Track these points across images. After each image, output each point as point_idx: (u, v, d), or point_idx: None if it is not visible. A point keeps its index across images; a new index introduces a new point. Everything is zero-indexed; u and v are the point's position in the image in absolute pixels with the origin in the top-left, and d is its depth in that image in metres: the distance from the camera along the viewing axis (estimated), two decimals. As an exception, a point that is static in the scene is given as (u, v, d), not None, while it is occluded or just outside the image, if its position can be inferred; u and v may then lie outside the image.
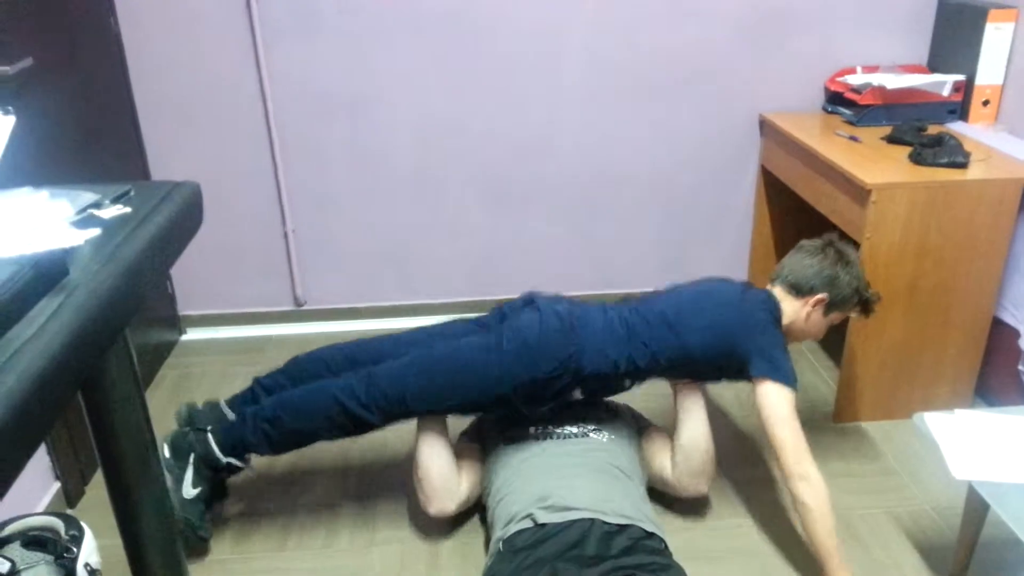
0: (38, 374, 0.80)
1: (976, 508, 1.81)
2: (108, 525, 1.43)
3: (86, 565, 1.76)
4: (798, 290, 2.03)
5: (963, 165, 2.28)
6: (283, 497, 2.24)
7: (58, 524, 1.83)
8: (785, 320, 2.02)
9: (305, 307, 3.11)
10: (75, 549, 1.76)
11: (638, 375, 1.99)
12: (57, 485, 2.16)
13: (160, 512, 1.43)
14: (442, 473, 2.00)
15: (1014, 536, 1.53)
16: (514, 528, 1.78)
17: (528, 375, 1.90)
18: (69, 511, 2.13)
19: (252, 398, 2.11)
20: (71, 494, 2.19)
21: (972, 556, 1.88)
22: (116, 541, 1.41)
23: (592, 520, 1.75)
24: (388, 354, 2.04)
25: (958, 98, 2.67)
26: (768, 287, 2.08)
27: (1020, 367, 2.32)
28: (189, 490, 1.97)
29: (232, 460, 2.00)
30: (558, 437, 2.00)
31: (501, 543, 1.77)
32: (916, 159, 2.35)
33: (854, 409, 2.49)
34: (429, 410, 1.98)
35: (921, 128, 2.54)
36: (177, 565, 1.51)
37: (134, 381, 1.30)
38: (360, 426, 1.97)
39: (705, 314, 1.96)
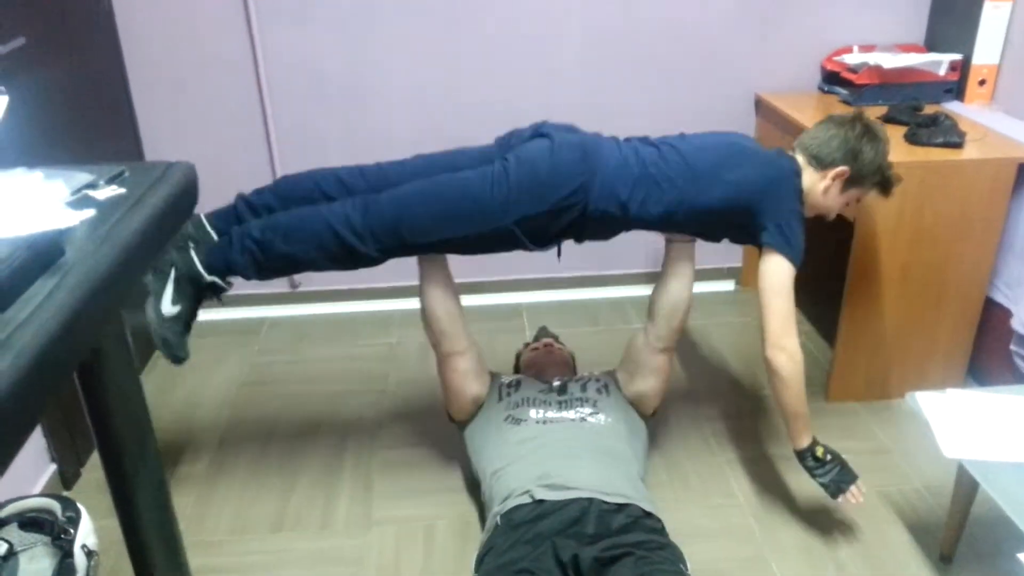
0: (34, 355, 0.79)
1: (966, 486, 1.82)
2: (104, 507, 1.44)
3: (83, 546, 1.77)
4: (819, 161, 1.95)
5: (958, 145, 2.28)
6: (279, 478, 2.25)
7: (55, 506, 1.83)
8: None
9: (300, 289, 3.11)
10: (72, 530, 1.77)
11: (644, 223, 1.91)
12: (53, 467, 2.16)
13: (158, 493, 1.43)
14: (449, 312, 2.01)
15: (1003, 514, 1.55)
16: (512, 503, 1.78)
17: (534, 208, 1.81)
18: (65, 493, 2.14)
19: (236, 216, 1.98)
20: (67, 476, 2.20)
21: (962, 534, 1.90)
22: (113, 522, 1.41)
23: (591, 499, 1.75)
24: (387, 181, 1.93)
25: (954, 78, 2.67)
26: (790, 153, 2.01)
27: (1012, 347, 2.33)
28: (168, 307, 1.87)
29: (216, 279, 1.89)
30: (558, 422, 2.00)
31: (499, 517, 1.78)
32: (911, 139, 2.35)
33: (847, 388, 2.50)
34: (426, 243, 1.90)
35: (917, 108, 2.54)
36: (174, 545, 1.52)
37: (130, 362, 1.30)
38: (353, 256, 1.87)
39: (737, 169, 1.87)
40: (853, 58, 2.77)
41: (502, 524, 1.76)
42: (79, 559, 1.74)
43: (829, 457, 1.93)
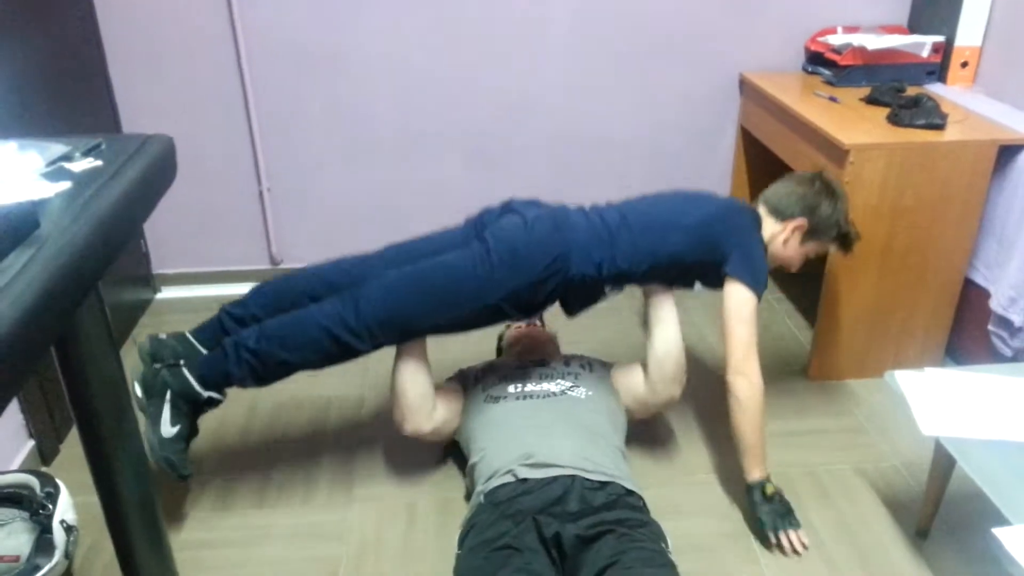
0: (9, 328, 0.78)
1: (943, 463, 1.85)
2: (83, 483, 1.43)
3: (62, 522, 1.76)
4: (779, 213, 2.05)
5: (940, 127, 2.29)
6: (261, 454, 2.24)
7: (33, 481, 1.82)
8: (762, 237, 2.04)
9: (281, 265, 3.09)
10: (51, 506, 1.77)
11: (618, 279, 1.97)
12: (31, 443, 2.15)
13: (137, 469, 1.42)
14: (419, 393, 2.00)
15: (979, 490, 1.57)
16: (496, 482, 1.79)
17: (519, 282, 1.88)
18: (44, 469, 2.12)
19: (222, 328, 2.01)
20: (46, 452, 2.18)
21: (938, 510, 1.93)
22: (91, 499, 1.40)
23: (574, 476, 1.77)
24: (369, 275, 1.97)
25: (937, 59, 2.68)
26: (752, 205, 2.11)
27: (990, 327, 2.36)
28: (168, 429, 1.87)
29: (213, 394, 1.93)
30: (539, 396, 2.01)
31: (482, 496, 1.79)
32: (893, 120, 2.35)
33: (827, 367, 2.52)
34: (420, 330, 1.95)
35: (899, 89, 2.54)
36: (154, 521, 1.51)
37: (108, 338, 1.29)
38: (350, 353, 1.92)
39: (692, 213, 1.97)
40: (837, 39, 2.77)
41: (485, 502, 1.77)
42: (58, 534, 1.74)
43: (777, 499, 1.93)
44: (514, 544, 1.63)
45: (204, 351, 1.97)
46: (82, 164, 1.10)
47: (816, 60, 2.85)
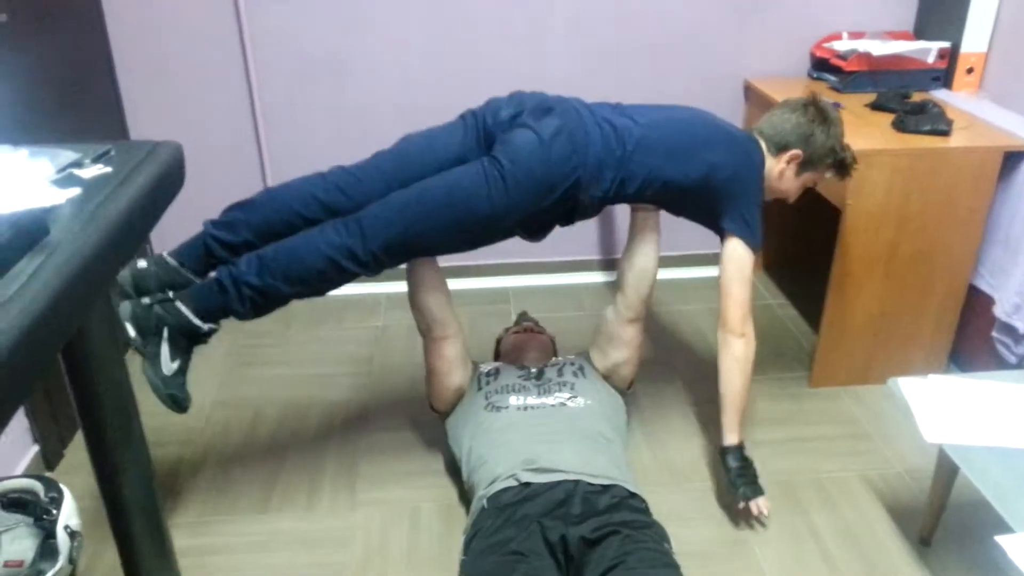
0: (19, 334, 0.79)
1: (946, 470, 1.84)
2: (87, 488, 1.43)
3: (66, 527, 1.76)
4: (775, 145, 2.02)
5: (945, 133, 2.29)
6: (264, 460, 2.24)
7: (37, 487, 1.83)
8: None
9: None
10: (55, 511, 1.77)
11: (621, 200, 1.96)
12: (36, 448, 2.15)
13: (141, 474, 1.43)
14: (439, 300, 2.02)
15: (982, 498, 1.57)
16: (499, 487, 1.79)
17: (534, 206, 1.84)
18: (48, 474, 2.12)
19: (209, 253, 1.91)
20: (50, 457, 2.18)
21: (941, 517, 1.93)
22: (94, 504, 1.40)
23: (577, 481, 1.77)
24: (366, 191, 1.89)
25: (943, 65, 2.68)
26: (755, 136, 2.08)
27: (994, 334, 2.35)
28: (168, 365, 1.79)
29: (212, 326, 1.84)
30: (539, 408, 2.01)
31: (485, 500, 1.79)
32: (899, 126, 2.35)
33: (830, 374, 2.52)
34: (427, 253, 1.94)
35: (905, 95, 2.55)
36: (158, 526, 1.51)
37: (115, 343, 1.29)
38: (353, 278, 1.86)
39: (715, 150, 1.93)
40: (842, 45, 2.77)
41: (488, 507, 1.77)
42: (62, 540, 1.74)
43: (749, 465, 2.00)
44: (520, 549, 1.63)
45: (189, 275, 1.87)
46: (92, 171, 1.10)
47: (821, 66, 2.85)
